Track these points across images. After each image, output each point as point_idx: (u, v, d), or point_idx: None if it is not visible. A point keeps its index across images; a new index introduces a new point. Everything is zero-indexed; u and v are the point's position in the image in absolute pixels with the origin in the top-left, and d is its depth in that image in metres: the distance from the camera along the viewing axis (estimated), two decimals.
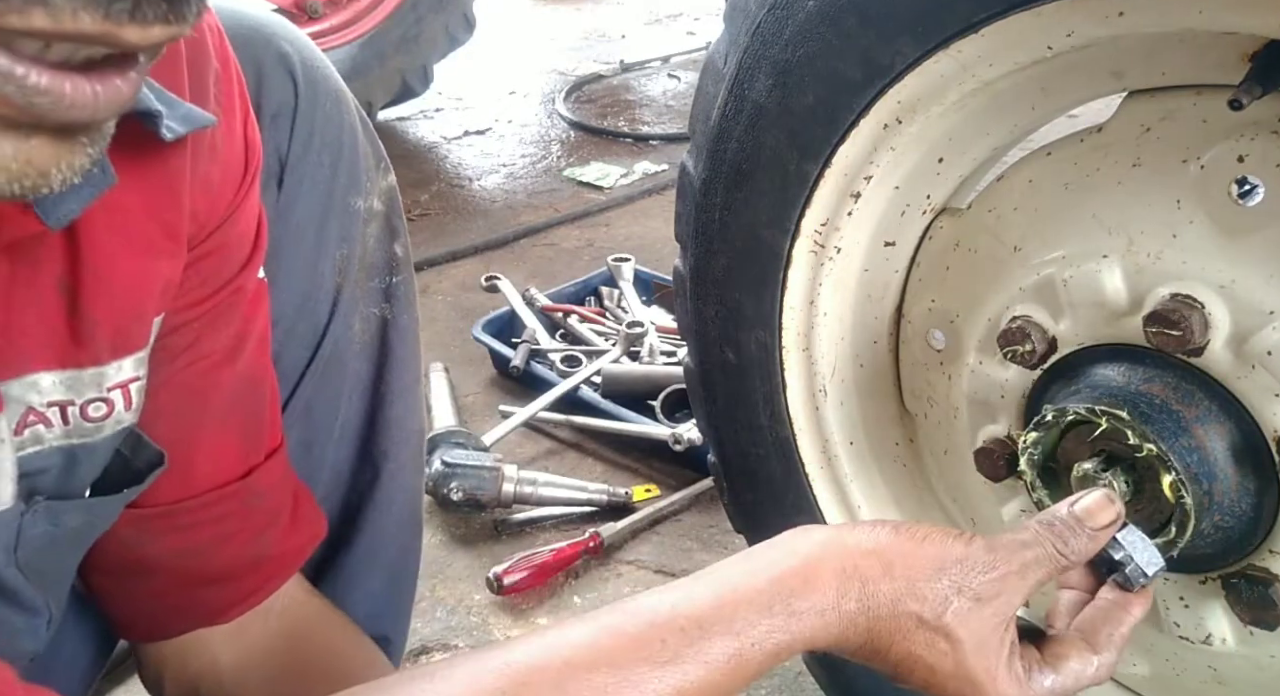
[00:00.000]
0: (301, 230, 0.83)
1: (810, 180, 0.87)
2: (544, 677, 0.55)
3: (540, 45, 4.38)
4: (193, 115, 0.61)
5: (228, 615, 0.81)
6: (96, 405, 0.64)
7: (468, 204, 2.86)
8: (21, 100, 0.38)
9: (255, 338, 0.76)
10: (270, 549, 0.82)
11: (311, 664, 0.85)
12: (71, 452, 0.65)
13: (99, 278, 0.61)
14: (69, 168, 0.42)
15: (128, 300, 0.63)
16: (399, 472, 0.95)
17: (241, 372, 0.75)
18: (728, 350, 1.01)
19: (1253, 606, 0.76)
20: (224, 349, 0.73)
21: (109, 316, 0.62)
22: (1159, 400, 0.74)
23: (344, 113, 0.86)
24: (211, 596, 0.80)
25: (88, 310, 0.61)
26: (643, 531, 1.57)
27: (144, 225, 0.63)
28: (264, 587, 0.83)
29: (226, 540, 0.78)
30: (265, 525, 0.81)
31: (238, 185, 0.70)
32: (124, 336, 0.64)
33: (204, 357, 0.72)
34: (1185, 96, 0.75)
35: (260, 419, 0.79)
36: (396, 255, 0.93)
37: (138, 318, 0.65)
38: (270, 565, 0.82)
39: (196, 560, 0.78)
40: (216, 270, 0.70)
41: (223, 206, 0.69)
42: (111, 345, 0.63)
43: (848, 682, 1.07)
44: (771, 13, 0.84)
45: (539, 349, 1.96)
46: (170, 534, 0.76)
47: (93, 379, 0.63)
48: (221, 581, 0.80)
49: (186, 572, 0.78)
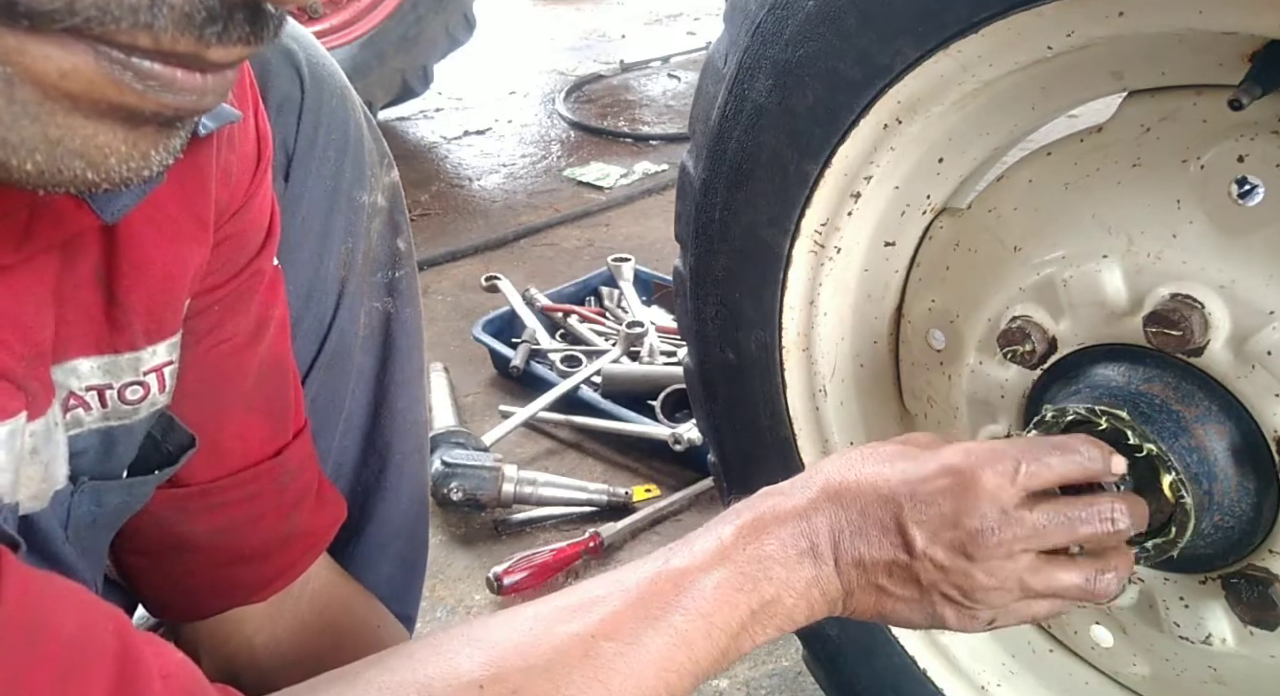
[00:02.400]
0: (308, 224, 0.85)
1: (810, 180, 0.87)
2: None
3: (540, 45, 4.38)
4: (222, 111, 0.65)
5: (262, 594, 0.84)
6: (133, 388, 0.67)
7: (468, 204, 2.86)
8: (140, 86, 0.42)
9: (276, 322, 0.78)
10: (299, 527, 0.84)
11: (344, 642, 0.88)
12: (109, 434, 0.67)
13: (135, 266, 0.63)
14: (166, 150, 0.46)
15: (162, 287, 0.66)
16: (405, 462, 0.97)
17: (264, 355, 0.77)
18: (728, 350, 1.01)
19: (1253, 606, 0.76)
20: (246, 332, 0.75)
21: (144, 303, 0.65)
22: (1159, 400, 0.74)
23: (349, 108, 0.87)
24: (246, 574, 0.82)
25: (124, 298, 0.63)
26: (643, 531, 1.57)
27: (176, 216, 0.65)
28: (295, 566, 0.85)
29: (259, 518, 0.80)
30: (294, 503, 0.83)
31: (252, 173, 0.72)
32: (158, 322, 0.67)
33: (226, 340, 0.74)
34: (1185, 96, 0.75)
35: (285, 400, 0.81)
36: (399, 250, 0.94)
37: (170, 304, 0.67)
38: (300, 543, 0.85)
39: (230, 538, 0.80)
40: (235, 255, 0.73)
41: (240, 194, 0.71)
42: (146, 330, 0.66)
43: (848, 682, 1.07)
44: (771, 13, 0.84)
45: (539, 349, 1.96)
46: (205, 513, 0.78)
47: (129, 363, 0.66)
48: (255, 559, 0.82)
49: (221, 551, 0.80)
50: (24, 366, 0.58)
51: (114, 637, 0.51)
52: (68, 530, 0.67)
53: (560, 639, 0.61)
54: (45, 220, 0.55)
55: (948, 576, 0.66)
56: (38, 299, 0.58)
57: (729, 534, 0.67)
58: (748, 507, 0.69)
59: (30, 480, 0.61)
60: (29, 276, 0.57)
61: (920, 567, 0.66)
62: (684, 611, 0.63)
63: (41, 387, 0.60)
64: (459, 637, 0.63)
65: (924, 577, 0.66)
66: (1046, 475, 0.67)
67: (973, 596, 0.67)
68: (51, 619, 0.49)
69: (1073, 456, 0.68)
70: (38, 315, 0.58)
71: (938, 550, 0.66)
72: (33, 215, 0.55)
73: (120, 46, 0.41)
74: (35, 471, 0.62)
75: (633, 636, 0.61)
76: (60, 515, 0.66)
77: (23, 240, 0.55)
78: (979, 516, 0.65)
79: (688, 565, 0.65)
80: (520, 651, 0.61)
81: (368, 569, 0.97)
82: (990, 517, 0.65)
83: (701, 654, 0.63)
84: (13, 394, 0.57)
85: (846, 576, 0.67)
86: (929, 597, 0.67)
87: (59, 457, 0.64)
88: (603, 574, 0.67)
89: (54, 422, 0.62)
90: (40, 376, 0.60)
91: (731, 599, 0.64)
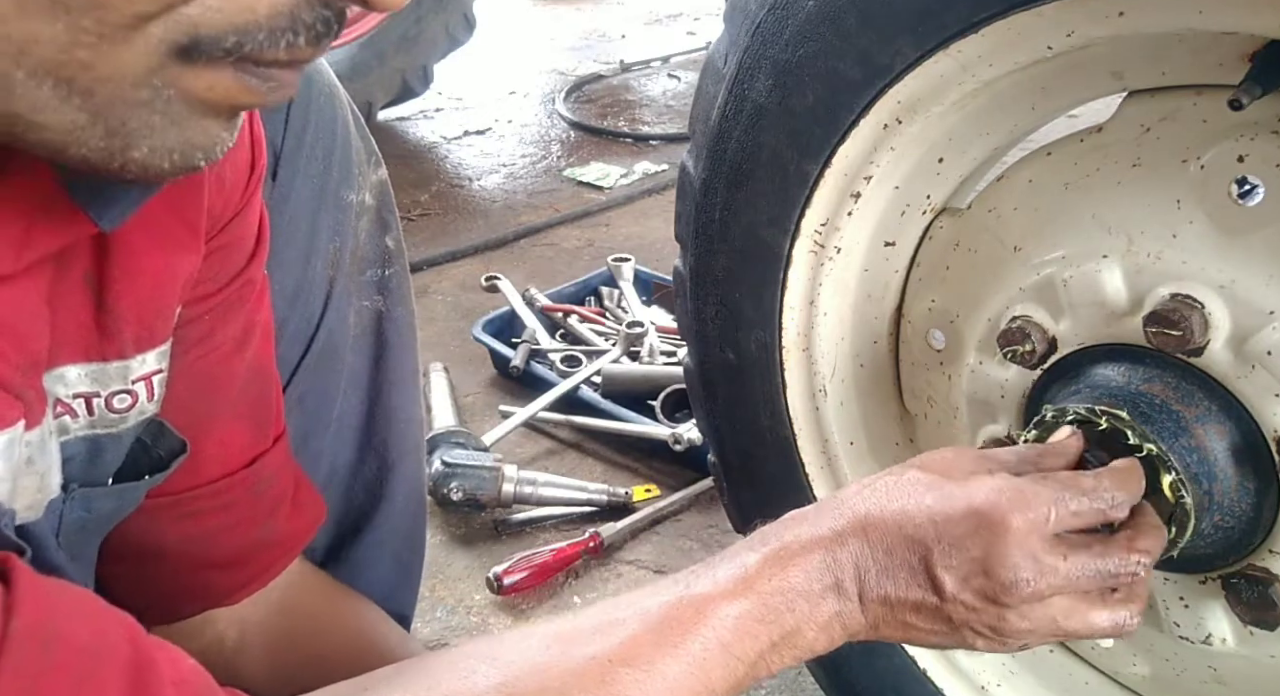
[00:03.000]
0: (295, 224, 0.85)
1: (810, 180, 0.87)
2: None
3: (540, 45, 4.38)
4: None
5: (235, 597, 0.84)
6: (121, 397, 0.66)
7: (468, 204, 2.85)
8: (264, 88, 0.48)
9: (261, 328, 0.78)
10: (274, 533, 0.84)
11: (308, 635, 0.89)
12: (96, 442, 0.67)
13: (126, 273, 0.63)
14: (231, 136, 0.51)
15: (152, 295, 0.65)
16: (401, 461, 0.97)
17: (250, 362, 0.77)
18: (728, 350, 1.01)
19: (1253, 606, 0.76)
20: (234, 339, 0.75)
21: (134, 311, 0.64)
22: (1159, 400, 0.74)
23: (337, 107, 0.87)
24: (220, 580, 0.83)
25: (114, 305, 0.63)
26: (643, 531, 1.57)
27: (168, 222, 0.65)
28: (269, 570, 0.85)
29: (233, 526, 0.80)
30: (270, 511, 0.83)
31: (246, 182, 0.72)
32: (148, 330, 0.66)
33: (216, 349, 0.73)
34: (1185, 96, 0.75)
35: (267, 406, 0.81)
36: (388, 248, 0.94)
37: (161, 312, 0.67)
38: (275, 549, 0.85)
39: (205, 546, 0.80)
40: (227, 263, 0.72)
41: (234, 203, 0.71)
42: (136, 339, 0.65)
43: (848, 683, 1.07)
44: (771, 13, 0.84)
45: (539, 349, 1.95)
46: (179, 521, 0.78)
47: (118, 372, 0.65)
48: (230, 566, 0.82)
49: (195, 558, 0.80)
50: (20, 376, 0.57)
51: (127, 644, 0.51)
52: (59, 536, 0.67)
53: (577, 662, 0.60)
54: (43, 229, 0.55)
55: (980, 617, 0.66)
56: (33, 308, 0.58)
57: (754, 562, 0.65)
58: (774, 535, 0.68)
59: (26, 491, 0.61)
60: (25, 286, 0.57)
61: (951, 609, 0.66)
62: (704, 640, 0.62)
63: (37, 397, 0.60)
64: (476, 655, 0.62)
65: (955, 617, 0.66)
66: (1076, 523, 0.67)
67: (1004, 633, 0.66)
68: (65, 626, 0.49)
69: (1100, 501, 0.68)
70: (33, 324, 0.58)
71: (968, 595, 0.65)
72: (30, 224, 0.54)
73: (260, 62, 0.47)
74: (31, 482, 0.61)
75: (650, 663, 0.60)
76: (53, 522, 0.66)
77: (20, 250, 0.55)
78: (1010, 567, 0.64)
79: (710, 592, 0.64)
80: (536, 672, 0.60)
81: (364, 568, 0.96)
82: (1023, 569, 0.64)
83: (718, 681, 0.62)
84: (11, 403, 0.57)
85: (871, 612, 0.66)
86: (960, 633, 0.67)
87: (54, 467, 0.63)
88: (623, 594, 0.67)
89: (49, 431, 0.62)
90: (35, 385, 0.59)
91: (753, 630, 0.63)
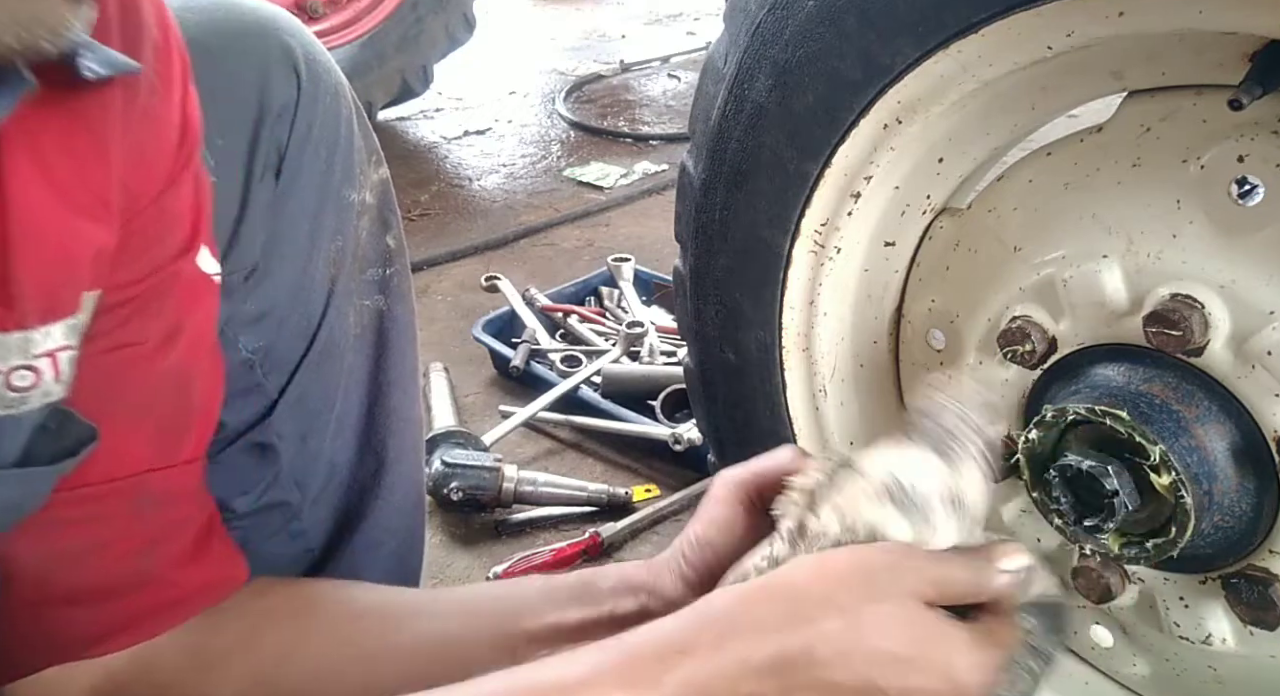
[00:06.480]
0: (296, 222, 0.84)
1: (810, 180, 0.87)
2: None
3: (540, 45, 4.38)
4: (115, 60, 0.59)
5: (95, 648, 0.70)
6: (21, 373, 0.59)
7: (468, 204, 2.85)
8: None
9: (191, 335, 0.71)
10: (156, 570, 0.71)
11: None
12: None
13: (26, 233, 0.57)
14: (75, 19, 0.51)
15: (56, 259, 0.59)
16: (399, 460, 0.96)
17: (170, 369, 0.70)
18: (728, 350, 1.01)
19: (1253, 606, 0.76)
20: (155, 339, 0.68)
21: (36, 275, 0.58)
22: (1159, 400, 0.74)
23: (341, 106, 0.87)
24: (79, 621, 0.69)
25: (12, 267, 0.57)
26: (643, 531, 1.57)
27: (70, 180, 0.60)
28: (145, 621, 0.71)
29: (103, 547, 0.69)
30: (153, 539, 0.71)
31: (172, 158, 0.67)
32: (53, 299, 0.60)
33: (130, 344, 0.67)
34: (1185, 96, 0.75)
35: (182, 424, 0.73)
36: (389, 247, 0.94)
37: (68, 281, 0.61)
38: (155, 592, 0.72)
39: (66, 569, 0.68)
40: (150, 249, 0.67)
41: (156, 180, 0.66)
42: (40, 308, 0.59)
43: None
44: (771, 13, 0.84)
45: (539, 349, 1.95)
46: (38, 533, 0.65)
47: (18, 344, 0.59)
48: (93, 601, 0.69)
49: (53, 587, 0.68)
50: None
51: None
52: None
53: None
54: None
55: None
56: None
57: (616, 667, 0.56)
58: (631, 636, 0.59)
59: None
60: None
61: None
62: None
63: None
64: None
65: None
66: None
67: None
68: None
69: None
70: None
71: None
72: None
73: None
74: None
75: None
76: None
77: None
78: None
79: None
80: None
81: (362, 567, 0.95)
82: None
83: None
84: None
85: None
86: None
87: None
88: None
89: None
90: None
91: None
